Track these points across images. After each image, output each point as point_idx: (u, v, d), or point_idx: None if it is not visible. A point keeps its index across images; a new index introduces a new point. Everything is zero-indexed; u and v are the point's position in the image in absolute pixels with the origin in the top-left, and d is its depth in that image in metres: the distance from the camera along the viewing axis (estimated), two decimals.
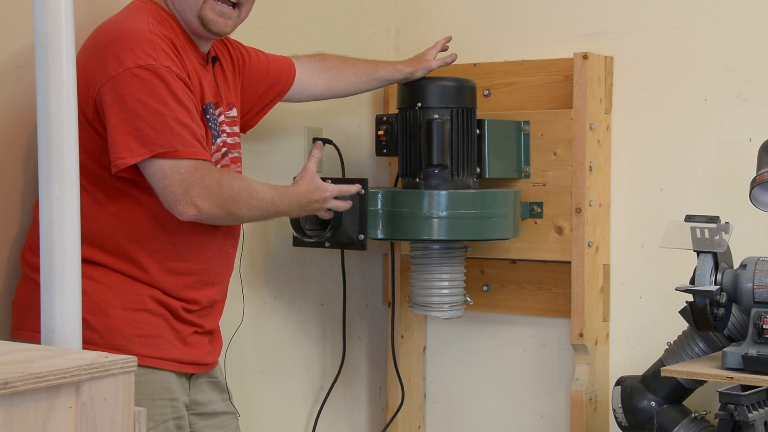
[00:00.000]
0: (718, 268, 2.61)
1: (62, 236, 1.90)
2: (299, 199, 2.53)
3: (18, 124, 2.40)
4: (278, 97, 2.79)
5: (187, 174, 2.22)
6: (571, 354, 3.20)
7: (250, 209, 2.36)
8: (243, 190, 2.33)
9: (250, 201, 2.35)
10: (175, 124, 2.21)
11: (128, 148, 2.19)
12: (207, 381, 2.50)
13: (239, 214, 2.35)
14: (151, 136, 2.19)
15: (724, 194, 3.03)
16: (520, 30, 3.36)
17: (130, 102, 2.20)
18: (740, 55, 3.04)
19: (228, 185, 2.29)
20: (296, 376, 3.24)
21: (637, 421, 2.88)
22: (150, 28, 2.27)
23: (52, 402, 1.61)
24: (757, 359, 2.51)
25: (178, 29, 2.38)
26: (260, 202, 2.38)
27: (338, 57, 2.93)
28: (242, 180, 2.37)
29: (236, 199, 2.31)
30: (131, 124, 2.20)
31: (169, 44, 2.29)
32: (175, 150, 2.20)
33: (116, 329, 2.28)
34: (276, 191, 2.45)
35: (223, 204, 2.28)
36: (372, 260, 3.48)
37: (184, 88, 2.26)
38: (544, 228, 3.18)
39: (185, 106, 2.25)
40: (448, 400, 3.50)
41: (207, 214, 2.26)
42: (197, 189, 2.23)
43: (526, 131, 3.19)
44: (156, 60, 2.22)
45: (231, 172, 2.38)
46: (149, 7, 2.35)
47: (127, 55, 2.21)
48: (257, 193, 2.38)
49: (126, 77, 2.20)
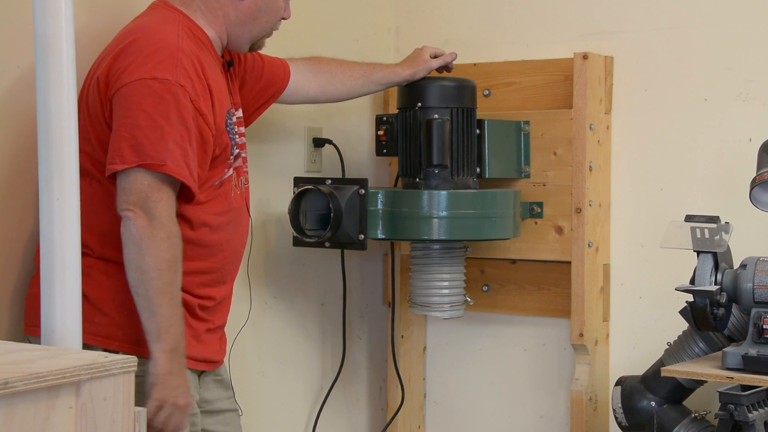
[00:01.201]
0: (718, 268, 2.61)
1: (62, 236, 1.90)
2: (174, 358, 2.22)
3: (22, 125, 2.40)
4: (273, 98, 2.79)
5: (150, 188, 2.20)
6: (571, 354, 3.20)
7: (153, 265, 2.20)
8: (167, 253, 2.21)
9: (159, 265, 2.21)
10: (170, 141, 2.22)
11: (120, 155, 2.21)
12: (213, 379, 2.53)
13: (146, 258, 2.20)
14: (145, 146, 2.20)
15: (724, 194, 3.03)
16: (520, 30, 3.36)
17: (135, 111, 2.22)
18: (740, 55, 3.03)
19: (165, 237, 2.21)
20: (296, 376, 3.24)
21: (637, 421, 2.88)
22: (179, 45, 2.29)
23: (52, 402, 1.61)
24: (757, 359, 2.51)
25: (206, 41, 2.41)
26: (158, 282, 2.20)
27: (334, 60, 2.94)
28: (174, 250, 2.23)
29: (155, 248, 2.20)
30: (130, 131, 2.21)
31: (194, 63, 2.30)
32: (163, 164, 2.21)
33: (138, 325, 2.29)
34: (174, 315, 2.22)
35: (147, 237, 2.20)
36: (372, 260, 3.48)
37: (193, 111, 2.27)
38: (544, 228, 3.17)
39: (187, 128, 2.25)
40: (448, 400, 3.50)
41: (135, 228, 2.19)
42: (150, 204, 2.20)
43: (526, 131, 3.19)
44: (173, 76, 2.24)
45: (178, 236, 2.26)
46: (179, 18, 2.37)
47: (146, 66, 2.23)
48: (168, 276, 2.22)
49: (138, 86, 2.22)
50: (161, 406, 2.19)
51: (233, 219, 2.46)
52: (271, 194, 3.09)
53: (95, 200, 2.30)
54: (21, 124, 2.40)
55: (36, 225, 2.40)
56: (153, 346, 2.20)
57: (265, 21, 2.50)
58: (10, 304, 2.41)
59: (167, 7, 2.41)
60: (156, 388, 2.19)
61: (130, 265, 2.21)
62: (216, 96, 2.36)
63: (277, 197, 3.09)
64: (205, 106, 2.31)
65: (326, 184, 2.88)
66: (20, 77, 2.40)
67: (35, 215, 2.39)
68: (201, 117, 2.29)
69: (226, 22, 2.45)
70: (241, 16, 2.46)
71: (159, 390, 2.19)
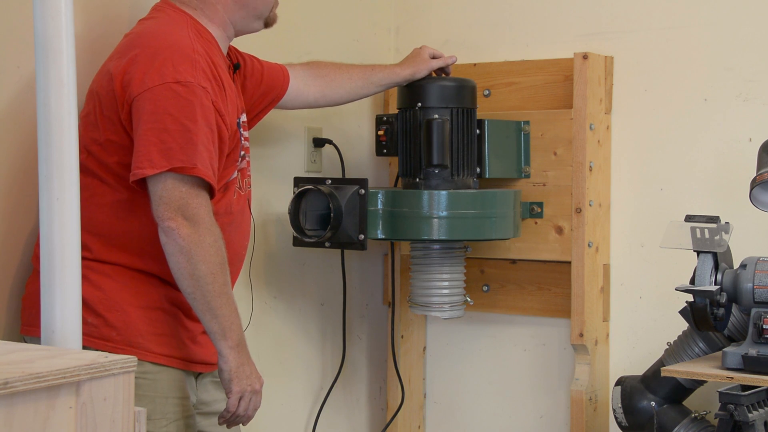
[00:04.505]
0: (718, 268, 2.61)
1: (62, 236, 1.90)
2: (241, 350, 2.32)
3: (21, 125, 2.40)
4: (272, 104, 2.79)
5: (188, 195, 2.22)
6: (571, 354, 3.20)
7: (206, 270, 2.24)
8: (216, 257, 2.25)
9: (213, 270, 2.25)
10: (199, 143, 2.23)
11: (149, 159, 2.21)
12: (211, 381, 2.52)
13: (198, 266, 2.23)
14: (174, 149, 2.21)
15: (724, 194, 3.03)
16: (520, 30, 3.36)
17: (162, 115, 2.22)
18: (740, 55, 3.03)
19: (212, 241, 2.24)
20: (296, 376, 3.24)
21: (637, 421, 2.88)
22: (193, 46, 2.30)
23: (52, 402, 1.61)
24: (757, 359, 2.51)
25: (212, 41, 2.41)
26: (213, 285, 2.25)
27: (332, 64, 2.93)
28: (222, 251, 2.27)
29: (205, 254, 2.23)
30: (158, 135, 2.21)
31: (209, 63, 2.32)
32: (194, 167, 2.22)
33: (133, 327, 2.30)
34: (233, 312, 2.30)
35: (195, 245, 2.22)
36: (372, 260, 3.48)
37: (214, 113, 2.28)
38: (544, 228, 3.18)
39: (212, 130, 2.27)
40: (448, 400, 3.50)
41: (180, 238, 2.22)
42: (191, 211, 2.22)
43: (526, 131, 3.19)
44: (194, 78, 2.25)
45: (221, 237, 2.29)
46: (186, 19, 2.38)
47: (168, 70, 2.24)
48: (222, 278, 2.26)
49: (163, 90, 2.22)
50: (242, 396, 2.32)
51: (234, 221, 2.45)
52: (272, 194, 3.09)
53: (101, 202, 2.30)
54: (20, 124, 2.40)
55: (34, 225, 2.41)
56: (220, 344, 2.29)
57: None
58: (7, 304, 2.41)
59: (172, 8, 2.41)
60: (234, 382, 2.31)
61: (182, 273, 2.23)
62: (228, 95, 2.37)
63: (278, 197, 3.10)
64: (222, 106, 2.32)
65: (326, 184, 2.88)
66: (20, 77, 2.40)
67: (33, 215, 2.40)
68: (220, 117, 2.31)
69: (226, 11, 2.45)
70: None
71: (236, 383, 2.31)
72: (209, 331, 2.29)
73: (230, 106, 2.37)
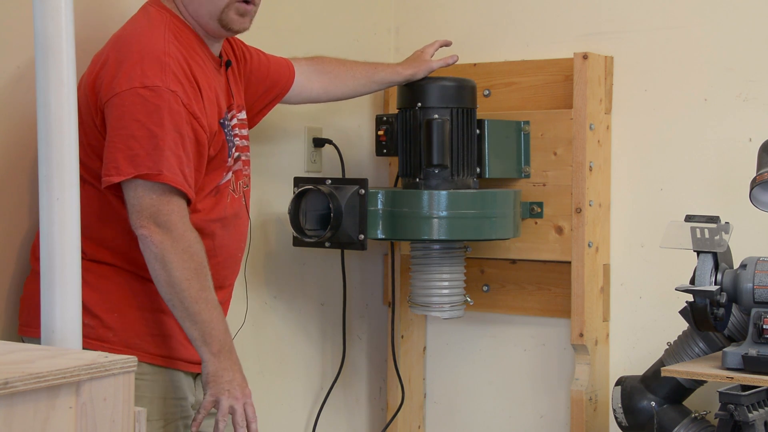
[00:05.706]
0: (718, 268, 2.61)
1: (62, 236, 1.90)
2: (223, 356, 2.29)
3: (18, 124, 2.40)
4: (277, 98, 2.78)
5: (159, 202, 2.21)
6: (571, 354, 3.20)
7: (181, 277, 2.22)
8: (191, 262, 2.23)
9: (188, 276, 2.23)
10: (166, 149, 2.20)
11: (116, 167, 2.20)
12: None
13: (173, 273, 2.22)
14: (140, 156, 2.19)
15: (724, 194, 3.03)
16: (520, 30, 3.36)
17: (129, 121, 2.20)
18: (740, 55, 3.03)
19: (186, 247, 2.23)
20: (296, 376, 3.24)
21: (637, 421, 2.88)
22: (165, 49, 2.26)
23: (52, 402, 1.61)
24: (757, 359, 2.51)
25: (193, 37, 2.38)
26: (190, 291, 2.23)
27: (336, 60, 2.93)
28: (198, 257, 2.25)
29: (179, 260, 2.22)
30: (125, 142, 2.20)
31: (183, 65, 2.28)
32: (160, 173, 2.19)
33: (130, 328, 2.30)
34: (213, 317, 2.26)
35: (168, 252, 2.21)
36: (372, 260, 3.48)
37: (186, 116, 2.25)
38: (544, 228, 3.17)
39: (181, 134, 2.24)
40: (448, 400, 3.50)
41: (153, 245, 2.21)
42: (162, 218, 2.21)
43: (526, 131, 3.19)
44: (163, 82, 2.22)
45: (198, 242, 2.27)
46: (165, 18, 2.34)
47: (136, 74, 2.22)
48: (198, 283, 2.24)
49: (130, 96, 2.21)
50: (216, 401, 2.28)
51: (228, 224, 2.44)
52: (271, 194, 3.09)
53: (88, 205, 2.29)
54: (20, 124, 2.40)
55: (31, 225, 2.41)
56: (201, 350, 2.26)
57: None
58: (5, 305, 2.41)
59: (155, 6, 2.38)
60: (209, 386, 2.28)
61: (159, 280, 2.23)
62: (206, 96, 2.33)
63: (277, 197, 3.09)
64: (198, 108, 2.29)
65: (326, 184, 2.88)
66: (20, 77, 2.40)
67: (31, 215, 2.40)
68: (195, 120, 2.28)
69: (187, 7, 2.38)
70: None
71: (212, 386, 2.28)
72: (190, 337, 2.26)
73: (209, 108, 2.33)
